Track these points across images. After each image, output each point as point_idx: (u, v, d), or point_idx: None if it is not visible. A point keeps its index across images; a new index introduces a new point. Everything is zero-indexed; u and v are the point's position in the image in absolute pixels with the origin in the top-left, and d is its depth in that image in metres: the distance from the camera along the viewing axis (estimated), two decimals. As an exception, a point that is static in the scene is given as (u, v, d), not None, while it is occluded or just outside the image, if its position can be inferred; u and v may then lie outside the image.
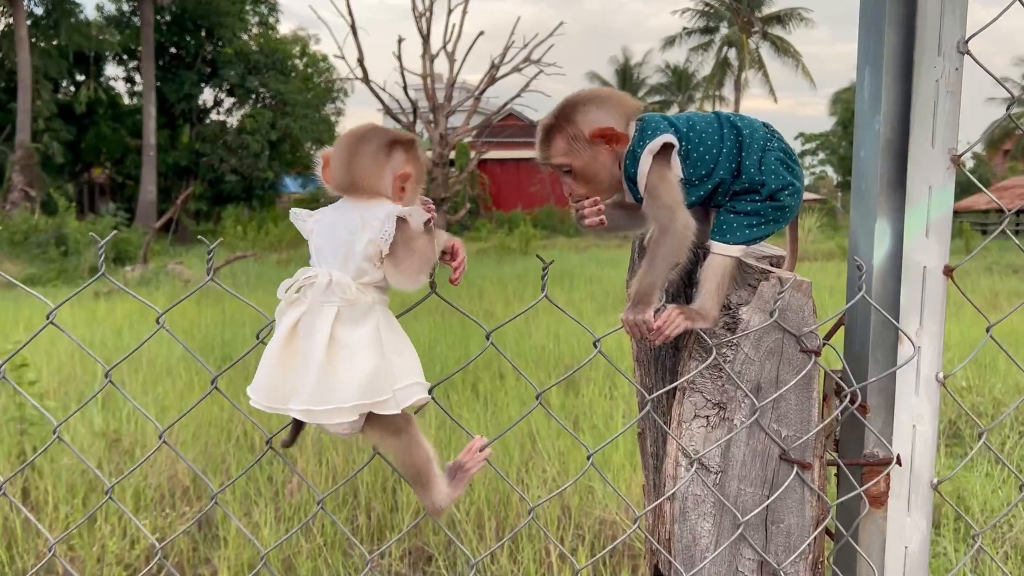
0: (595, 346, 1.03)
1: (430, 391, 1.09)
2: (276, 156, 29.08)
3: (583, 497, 3.98)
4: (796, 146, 46.75)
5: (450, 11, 17.46)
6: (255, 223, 22.60)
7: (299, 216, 1.11)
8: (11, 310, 10.12)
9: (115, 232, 1.20)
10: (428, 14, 17.40)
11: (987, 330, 1.18)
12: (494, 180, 32.10)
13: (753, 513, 1.07)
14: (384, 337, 1.01)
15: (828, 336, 1.22)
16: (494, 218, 29.65)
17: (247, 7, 29.62)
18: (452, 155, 21.98)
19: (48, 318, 1.06)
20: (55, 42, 25.66)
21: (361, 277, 1.03)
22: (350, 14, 16.82)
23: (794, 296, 1.08)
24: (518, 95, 18.17)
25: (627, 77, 43.05)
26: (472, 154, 20.96)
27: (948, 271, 1.15)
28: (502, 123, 28.19)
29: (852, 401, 1.12)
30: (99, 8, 29.37)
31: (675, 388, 1.11)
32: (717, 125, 1.14)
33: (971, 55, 1.13)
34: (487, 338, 1.05)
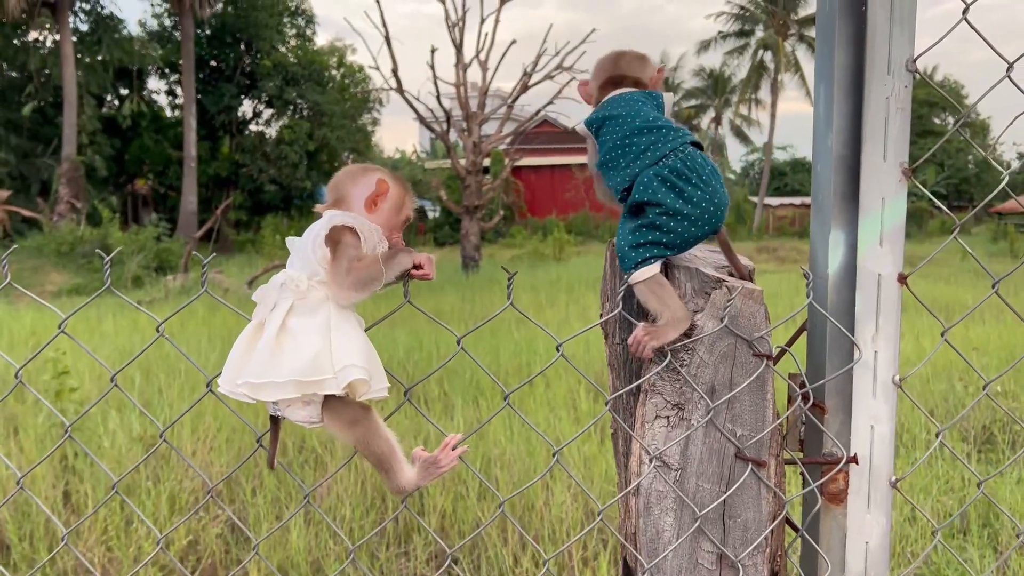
0: (557, 350, 1.10)
1: (406, 392, 1.17)
2: (314, 166, 29.53)
3: (606, 501, 4.03)
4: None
5: (483, 20, 17.63)
6: (294, 232, 22.96)
7: (290, 240, 1.22)
8: (55, 319, 10.46)
9: (119, 250, 1.31)
10: (461, 23, 17.57)
11: (942, 335, 1.23)
12: (529, 187, 32.20)
13: (710, 508, 1.14)
14: (334, 326, 1.12)
15: (790, 342, 1.28)
16: (529, 224, 29.75)
17: (285, 19, 30.16)
18: (487, 163, 22.14)
19: (60, 327, 1.16)
20: (99, 57, 26.36)
21: (315, 276, 1.13)
22: (384, 25, 17.07)
23: (745, 303, 1.14)
24: (550, 102, 18.24)
25: (664, 82, 42.87)
26: (506, 161, 21.08)
27: (902, 279, 1.21)
28: (536, 130, 28.30)
29: (805, 401, 1.18)
30: (142, 24, 30.17)
31: (639, 390, 1.18)
32: (633, 128, 1.18)
33: (920, 73, 1.18)
34: (458, 343, 1.13)
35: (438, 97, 17.10)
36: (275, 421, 1.21)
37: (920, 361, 7.04)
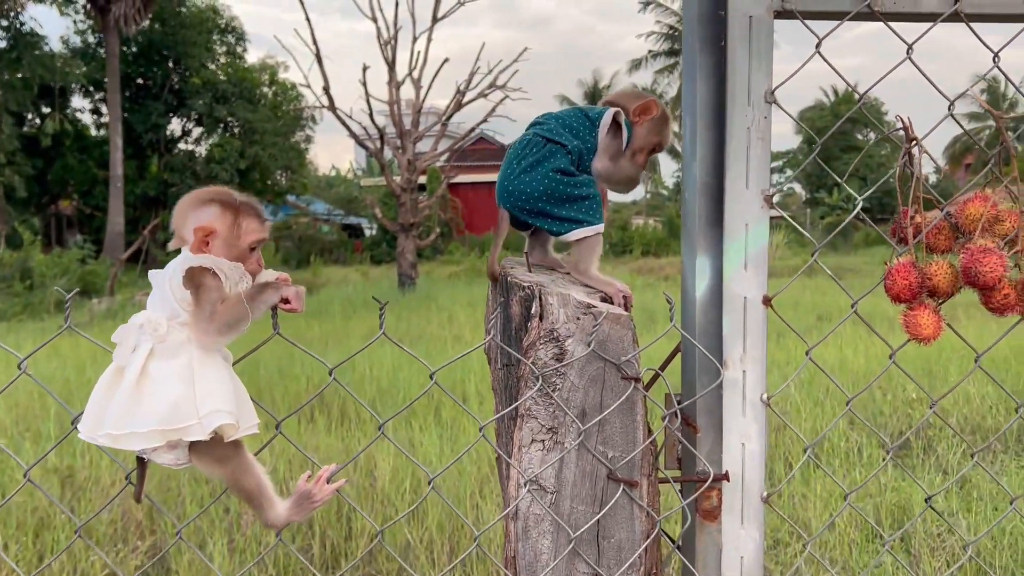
0: (431, 378, 1.12)
1: (278, 424, 1.17)
2: (246, 185, 29.03)
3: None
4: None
5: (415, 38, 17.63)
6: (225, 253, 22.47)
7: (151, 274, 1.20)
8: (-29, 347, 10.04)
9: (76, 289, 1.28)
10: (393, 41, 17.54)
11: (806, 353, 1.29)
12: (466, 204, 32.26)
13: (583, 529, 1.16)
14: (197, 370, 1.10)
15: (663, 365, 1.32)
16: (467, 241, 29.78)
17: (214, 37, 29.68)
18: (422, 180, 22.09)
19: (20, 368, 1.14)
20: (19, 75, 25.53)
21: (176, 317, 1.11)
22: (315, 42, 16.95)
23: (613, 328, 1.18)
24: (484, 120, 18.33)
25: (596, 99, 43.49)
26: (442, 178, 21.08)
27: (767, 301, 1.26)
28: (473, 147, 28.39)
29: (674, 421, 1.22)
30: (64, 40, 29.29)
31: (518, 415, 1.21)
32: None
33: (778, 104, 1.24)
34: (330, 374, 1.14)
35: (371, 115, 17.03)
36: (141, 460, 1.19)
37: (851, 371, 7.24)
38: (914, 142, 1.22)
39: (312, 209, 34.61)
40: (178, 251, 1.21)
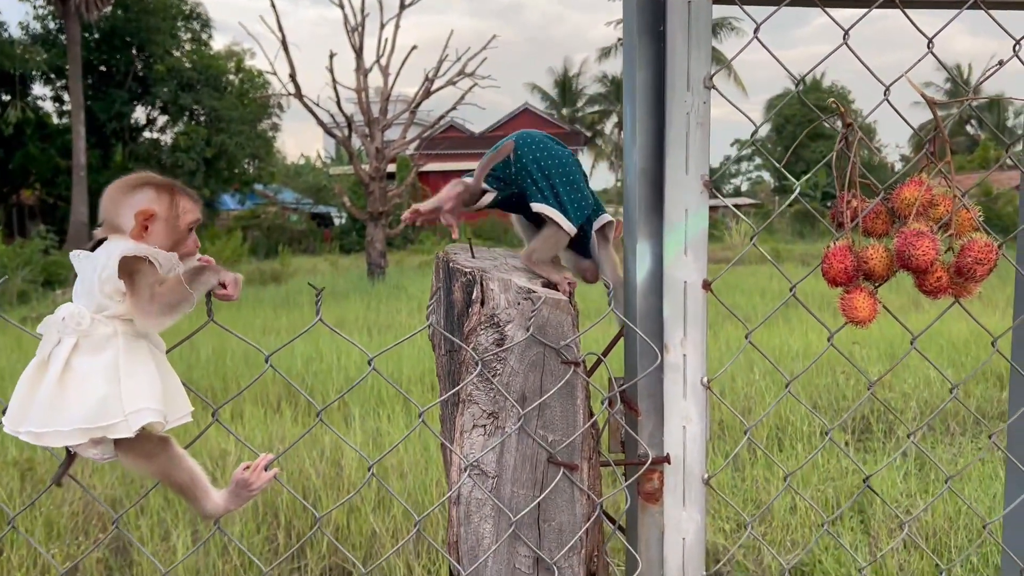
0: (369, 364, 1.12)
1: (214, 412, 1.16)
2: (212, 173, 28.67)
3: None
4: (731, 152, 47.86)
5: (383, 25, 17.50)
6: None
7: (74, 256, 1.17)
8: (-72, 339, 9.87)
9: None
10: (361, 28, 17.39)
11: (746, 336, 1.30)
12: (436, 192, 32.09)
13: (523, 512, 1.17)
14: (123, 366, 1.07)
15: (606, 351, 1.33)
16: (437, 230, 29.68)
17: (179, 23, 29.20)
18: (391, 168, 21.97)
19: None
20: (-23, 62, 24.98)
21: (102, 311, 1.09)
22: (280, 29, 16.74)
23: (552, 313, 1.18)
24: (453, 108, 18.27)
25: (566, 87, 43.53)
26: (411, 166, 20.98)
27: (707, 285, 1.27)
28: (443, 135, 28.28)
29: (612, 404, 1.23)
30: (23, 26, 28.66)
31: (460, 401, 1.21)
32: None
33: (716, 89, 1.25)
34: (266, 361, 1.13)
35: (338, 102, 16.88)
36: (68, 450, 1.17)
37: (814, 356, 7.33)
38: (850, 126, 1.24)
39: (280, 198, 34.28)
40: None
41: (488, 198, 1.35)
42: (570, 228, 1.29)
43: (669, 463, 1.26)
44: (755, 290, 12.61)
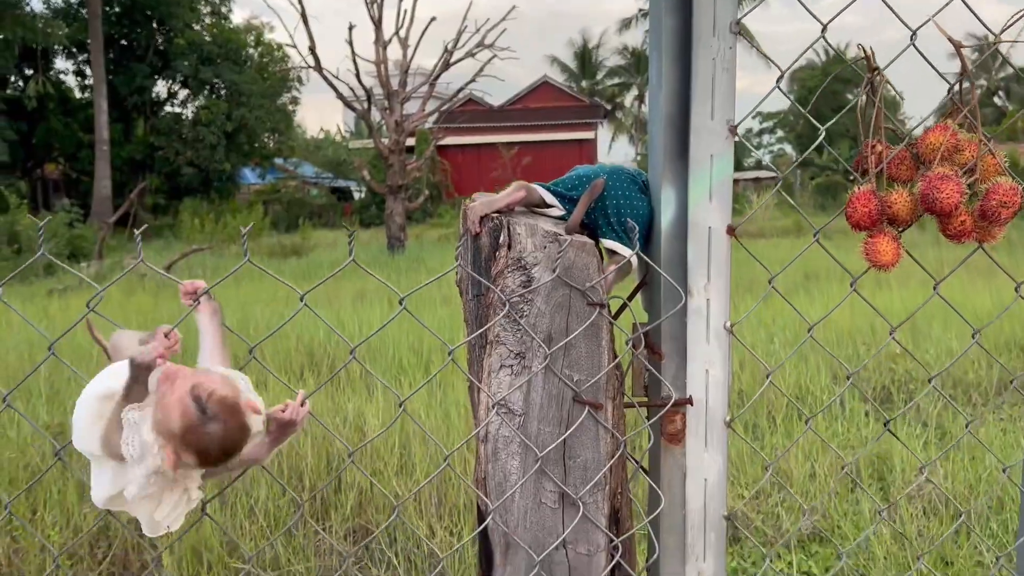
0: (400, 303, 1.15)
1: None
2: (233, 148, 28.79)
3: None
4: (754, 124, 47.34)
5: (402, -3, 17.45)
6: (213, 216, 22.43)
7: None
8: (-42, 309, 10.06)
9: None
10: (379, 0, 17.33)
11: (769, 282, 1.32)
12: (455, 166, 32.08)
13: (549, 449, 1.20)
14: None
15: (631, 296, 1.35)
16: (456, 204, 29.67)
17: (198, -4, 29.26)
18: (411, 142, 21.95)
19: None
20: (0, 36, 25.11)
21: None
22: (299, 2, 16.71)
23: (578, 255, 1.21)
24: (472, 80, 18.20)
25: (586, 60, 43.16)
26: (431, 140, 20.96)
27: (731, 230, 1.28)
28: (461, 108, 28.15)
29: (636, 346, 1.25)
30: (45, 1, 28.77)
31: (487, 342, 1.24)
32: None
33: (743, 35, 1.26)
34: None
35: (358, 75, 16.87)
36: None
37: (836, 327, 7.30)
38: (875, 71, 1.24)
39: (300, 172, 34.37)
40: None
41: (553, 212, 1.36)
42: (635, 262, 1.33)
43: (692, 405, 1.29)
44: (776, 262, 12.54)
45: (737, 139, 1.27)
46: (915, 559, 3.26)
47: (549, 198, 1.31)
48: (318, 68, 16.90)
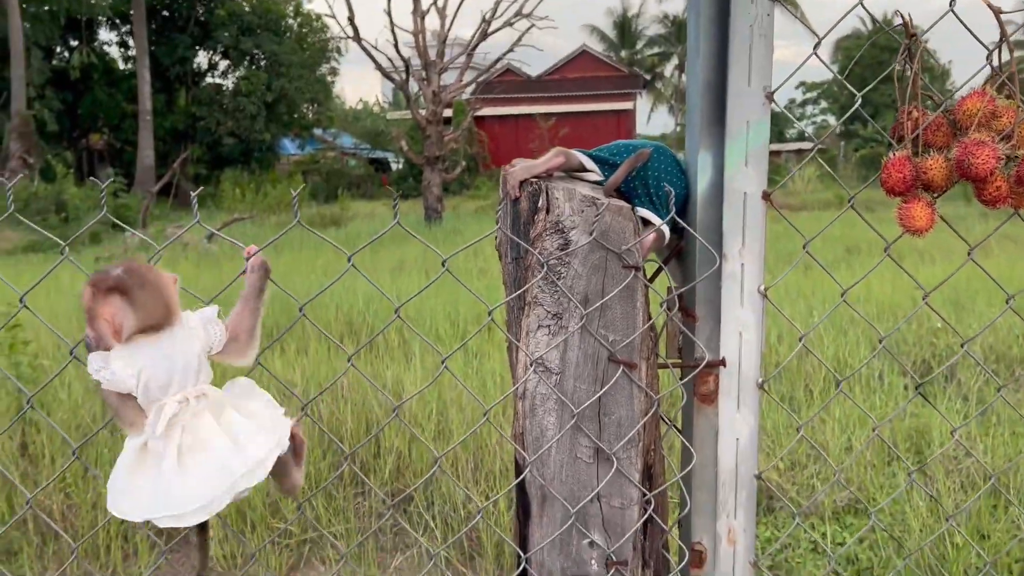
0: (443, 265, 1.19)
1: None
2: (273, 118, 29.05)
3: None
4: (797, 95, 46.42)
5: (440, -34, 17.36)
6: (253, 186, 22.73)
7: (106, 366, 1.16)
8: (11, 275, 10.38)
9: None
10: (418, -30, 17.29)
11: (803, 247, 1.34)
12: (492, 137, 31.98)
13: (585, 406, 1.25)
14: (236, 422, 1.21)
15: (667, 260, 1.38)
16: (493, 176, 29.64)
17: (238, -34, 29.41)
18: (448, 113, 21.95)
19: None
20: (46, 7, 25.51)
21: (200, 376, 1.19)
22: (339, -28, 16.74)
23: (615, 219, 1.24)
24: (510, 50, 18.12)
25: (625, 29, 42.60)
26: (467, 111, 20.94)
27: (766, 196, 1.31)
28: (499, 79, 27.99)
29: (670, 309, 1.29)
30: (89, -28, 29.14)
31: (525, 303, 1.28)
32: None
33: (782, 1, 1.27)
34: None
35: (396, 46, 16.88)
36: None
37: (877, 301, 7.23)
38: (913, 37, 1.25)
39: (339, 143, 34.57)
40: None
41: (591, 177, 1.39)
42: (667, 232, 1.35)
43: (724, 366, 1.32)
44: (816, 238, 12.36)
45: (778, 109, 1.29)
46: (945, 519, 3.25)
47: (588, 163, 1.34)
48: (357, 38, 16.94)
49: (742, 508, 1.35)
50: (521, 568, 1.33)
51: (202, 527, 1.27)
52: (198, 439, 1.15)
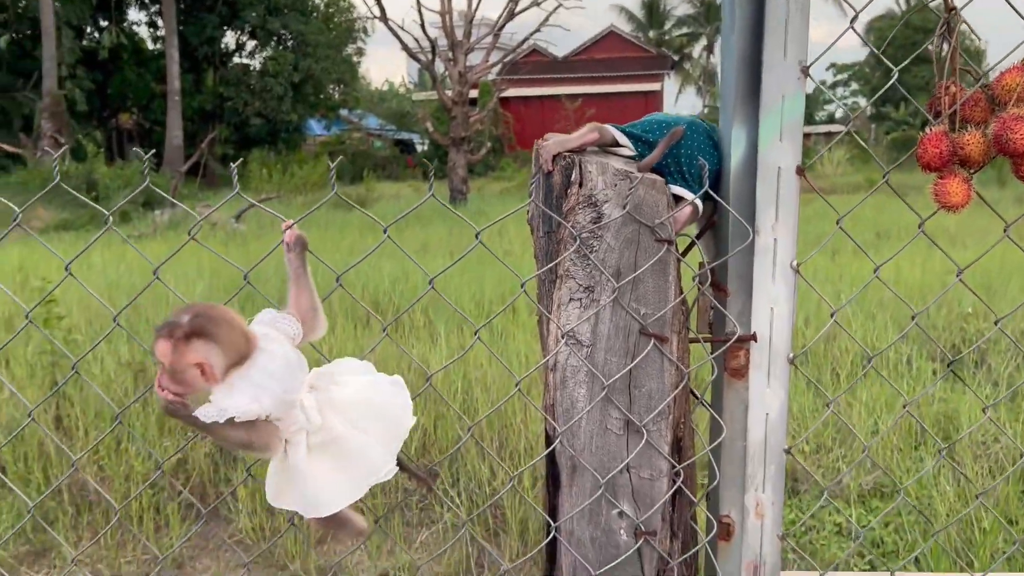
0: (476, 238, 1.21)
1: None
2: (299, 98, 29.14)
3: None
4: (828, 76, 45.71)
5: (467, -55, 17.26)
6: (280, 166, 22.85)
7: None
8: (45, 252, 10.56)
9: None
10: (445, -51, 17.20)
11: (837, 223, 1.33)
12: (518, 118, 31.87)
13: (615, 378, 1.26)
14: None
15: (699, 234, 1.39)
16: (518, 157, 29.56)
17: (265, -54, 29.40)
18: (474, 93, 21.90)
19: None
20: (76, -13, 25.72)
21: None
22: (365, -49, 16.70)
23: (648, 193, 1.25)
24: (537, 30, 18.01)
25: (653, 9, 42.15)
26: (493, 91, 20.88)
27: (800, 171, 1.30)
28: (525, 59, 27.85)
29: (702, 283, 1.29)
30: (118, -49, 29.29)
31: (556, 276, 1.29)
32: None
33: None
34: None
35: (422, 26, 16.85)
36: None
37: (906, 284, 7.16)
38: (953, 11, 1.23)
39: (365, 124, 34.62)
40: None
41: (624, 152, 1.39)
42: (700, 205, 1.35)
43: (756, 341, 1.33)
44: (847, 219, 12.23)
45: (810, 89, 1.28)
46: (975, 497, 3.23)
47: (621, 138, 1.34)
48: (383, 18, 16.93)
49: (770, 482, 1.36)
50: (550, 537, 1.35)
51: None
52: (348, 406, 1.24)
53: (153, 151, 1.24)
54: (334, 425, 1.20)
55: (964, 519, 3.24)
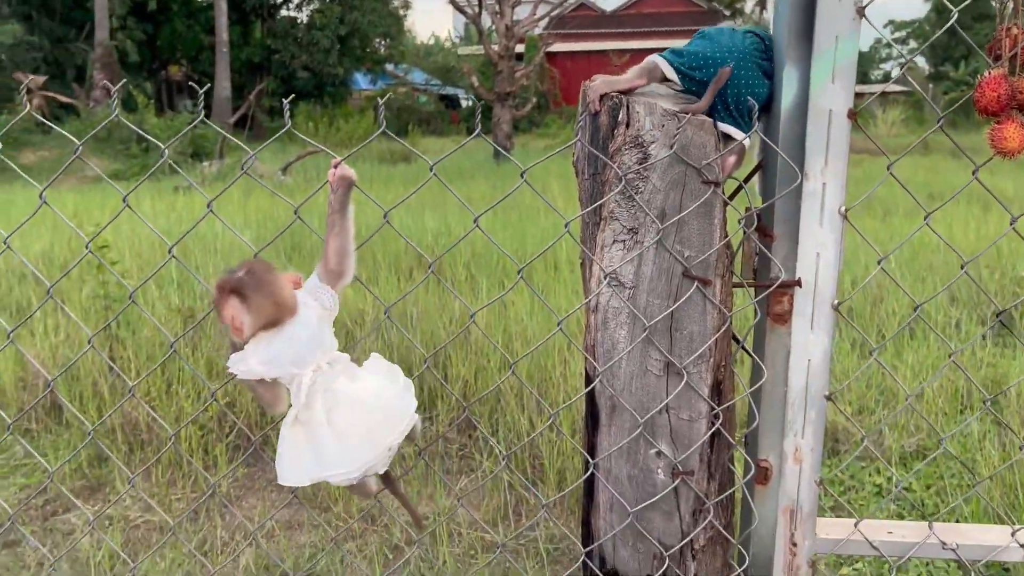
0: (522, 176, 1.21)
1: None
2: (346, 52, 29.11)
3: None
4: (886, 33, 44.19)
5: None
6: (326, 119, 22.94)
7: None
8: (98, 199, 10.82)
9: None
10: (493, -101, 16.92)
11: (888, 168, 1.31)
12: (564, 74, 31.47)
13: (657, 320, 1.26)
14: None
15: (747, 178, 1.37)
16: (563, 113, 29.26)
17: None
18: (520, 48, 21.66)
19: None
20: (125, -63, 25.84)
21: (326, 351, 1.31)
22: (413, -99, 16.49)
23: (696, 133, 1.23)
24: (586, -17, 17.68)
25: (706, -38, 41.01)
26: (540, 46, 20.62)
27: (851, 114, 1.28)
28: (572, 13, 27.44)
29: (748, 226, 1.28)
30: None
31: (600, 218, 1.30)
32: None
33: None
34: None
35: (470, -22, 16.66)
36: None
37: (959, 248, 7.01)
38: (1019, -52, 1.19)
39: (410, 78, 34.51)
40: None
41: (674, 86, 1.38)
42: (747, 143, 1.34)
43: (800, 286, 1.32)
44: (900, 179, 11.94)
45: (865, 47, 1.25)
46: (1019, 448, 3.19)
47: (670, 73, 1.33)
48: (430, -30, 16.74)
49: (811, 427, 1.36)
50: (588, 473, 1.37)
51: (387, 480, 1.42)
52: (338, 401, 1.28)
53: (203, 98, 1.27)
54: (316, 412, 1.27)
55: (1008, 483, 3.20)
